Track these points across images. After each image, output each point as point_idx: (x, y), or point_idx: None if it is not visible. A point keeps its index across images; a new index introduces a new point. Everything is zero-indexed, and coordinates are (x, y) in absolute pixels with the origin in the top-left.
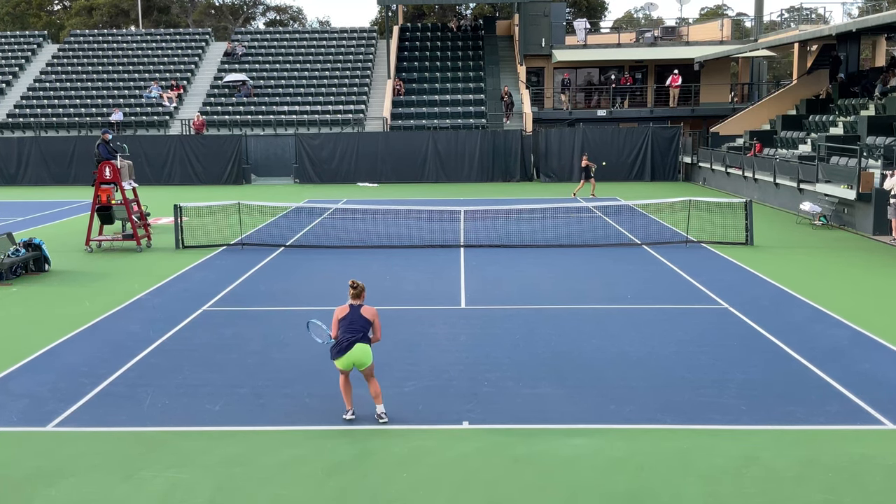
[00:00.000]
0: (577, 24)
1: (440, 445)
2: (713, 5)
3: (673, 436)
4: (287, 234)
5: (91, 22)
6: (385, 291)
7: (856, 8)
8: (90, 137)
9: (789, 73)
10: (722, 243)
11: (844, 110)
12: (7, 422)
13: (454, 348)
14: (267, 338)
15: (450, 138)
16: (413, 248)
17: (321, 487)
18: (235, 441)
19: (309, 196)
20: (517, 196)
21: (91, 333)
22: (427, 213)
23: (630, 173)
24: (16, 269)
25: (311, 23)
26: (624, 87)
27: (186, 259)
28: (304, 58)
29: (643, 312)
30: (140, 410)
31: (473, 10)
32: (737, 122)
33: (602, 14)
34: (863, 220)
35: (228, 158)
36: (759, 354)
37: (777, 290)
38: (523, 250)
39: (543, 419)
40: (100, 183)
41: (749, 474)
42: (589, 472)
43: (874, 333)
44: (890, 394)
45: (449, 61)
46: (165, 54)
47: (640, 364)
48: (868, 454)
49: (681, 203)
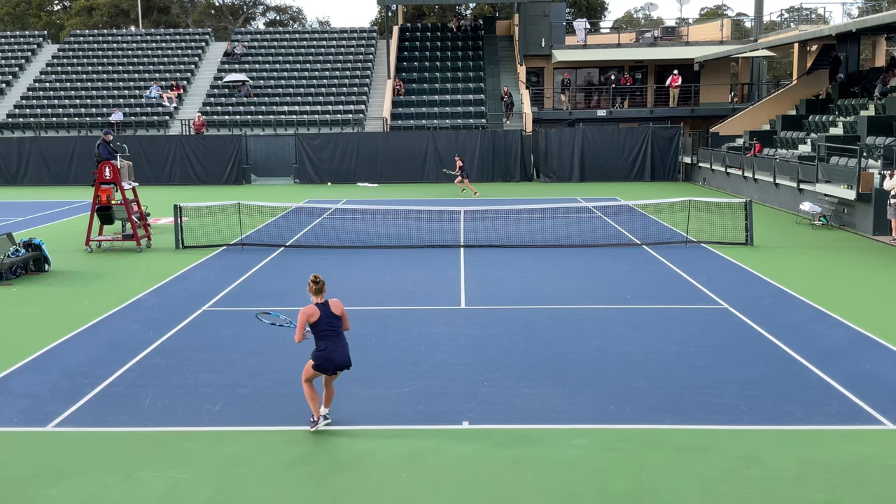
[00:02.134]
0: (577, 24)
1: (440, 445)
2: (713, 5)
3: (673, 436)
4: (287, 234)
5: (91, 22)
6: (385, 291)
7: (856, 8)
8: (90, 137)
9: (789, 74)
10: (722, 243)
11: (844, 110)
12: (7, 422)
13: (454, 348)
14: (267, 338)
15: (450, 138)
16: (413, 248)
17: (321, 487)
18: (235, 441)
19: (309, 196)
20: (517, 196)
21: (91, 333)
22: (427, 213)
23: (630, 173)
24: (16, 269)
25: (311, 23)
26: (624, 88)
27: (186, 259)
28: (304, 58)
29: (643, 312)
30: (140, 410)
31: (473, 10)
32: (737, 122)
33: (602, 14)
34: (863, 221)
35: (228, 158)
36: (759, 354)
37: (777, 290)
38: (523, 250)
39: (543, 419)
40: (100, 183)
41: (749, 474)
42: (589, 472)
43: (874, 333)
44: (890, 394)
45: (449, 61)
46: (165, 54)
47: (640, 364)
48: (868, 454)
49: (681, 203)
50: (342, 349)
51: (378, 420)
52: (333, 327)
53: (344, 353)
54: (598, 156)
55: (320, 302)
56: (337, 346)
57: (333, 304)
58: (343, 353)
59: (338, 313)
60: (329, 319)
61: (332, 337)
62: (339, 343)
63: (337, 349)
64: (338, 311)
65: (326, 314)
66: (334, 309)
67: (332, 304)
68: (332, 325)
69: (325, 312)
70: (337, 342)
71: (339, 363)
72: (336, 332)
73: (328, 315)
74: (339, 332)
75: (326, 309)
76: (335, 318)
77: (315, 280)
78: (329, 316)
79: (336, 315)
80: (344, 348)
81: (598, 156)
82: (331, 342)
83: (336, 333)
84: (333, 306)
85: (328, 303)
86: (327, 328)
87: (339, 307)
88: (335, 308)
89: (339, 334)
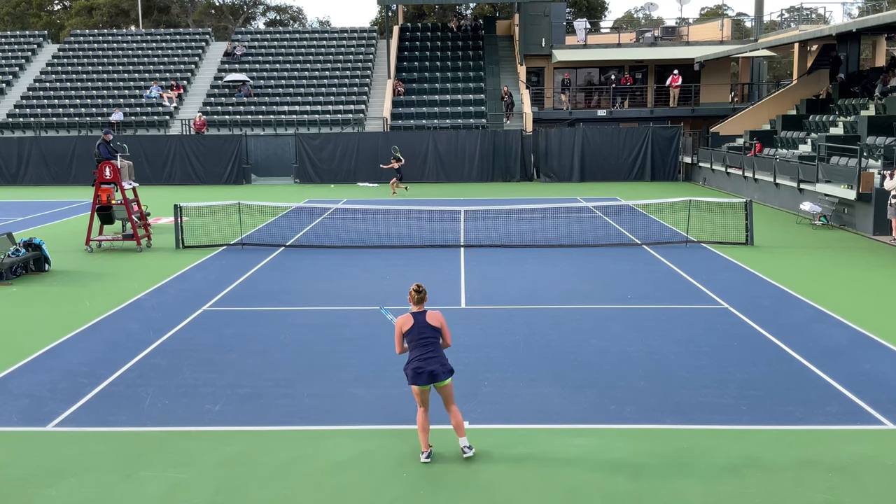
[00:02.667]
0: (578, 24)
1: (440, 445)
2: (713, 5)
3: (673, 436)
4: (287, 234)
5: (91, 22)
6: (385, 291)
7: (856, 8)
8: (90, 137)
9: (789, 73)
10: (722, 243)
11: (844, 110)
12: (7, 422)
13: (454, 348)
14: (267, 338)
15: (450, 138)
16: (413, 248)
17: (321, 487)
18: (235, 441)
19: (309, 196)
20: (517, 196)
21: (91, 333)
22: (427, 213)
23: (630, 173)
24: (16, 269)
25: (311, 23)
26: (624, 87)
27: (186, 259)
28: (304, 58)
29: (643, 312)
30: (140, 410)
31: (473, 10)
32: (737, 122)
33: (602, 14)
34: (863, 221)
35: (228, 158)
36: (760, 354)
37: (777, 290)
38: (523, 250)
39: (543, 419)
40: (100, 183)
41: (749, 474)
42: (589, 472)
43: (874, 333)
44: (890, 394)
45: (449, 61)
46: (165, 54)
47: (640, 364)
48: (868, 454)
49: (681, 203)
50: (436, 359)
51: (378, 420)
52: (426, 337)
53: (438, 363)
54: (599, 156)
55: (418, 311)
56: (429, 355)
57: (431, 316)
58: (437, 362)
59: (435, 324)
60: (423, 329)
61: (422, 346)
62: (432, 353)
63: (430, 359)
64: (435, 323)
65: (421, 324)
66: (431, 319)
67: (429, 315)
68: (425, 335)
69: (420, 322)
70: (428, 352)
71: (430, 372)
72: (429, 344)
73: (423, 325)
74: (433, 344)
75: (422, 319)
76: (430, 329)
77: (418, 289)
78: (424, 326)
79: (433, 327)
80: (439, 359)
81: (599, 156)
82: (420, 352)
83: (429, 344)
84: (431, 317)
85: (426, 313)
86: (418, 338)
87: (439, 319)
88: (432, 319)
89: (432, 345)
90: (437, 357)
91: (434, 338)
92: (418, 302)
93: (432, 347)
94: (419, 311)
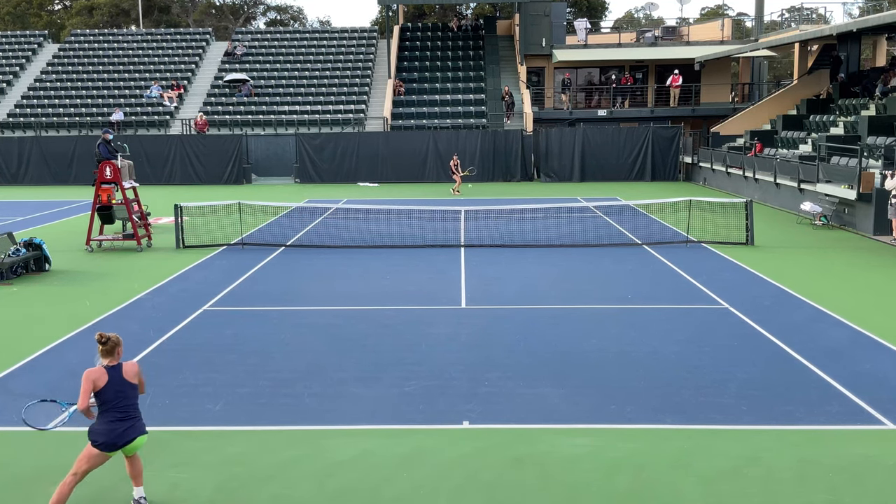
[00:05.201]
0: (578, 23)
1: (440, 445)
2: (713, 5)
3: (673, 436)
4: (287, 233)
5: (91, 22)
6: (386, 291)
7: (856, 8)
8: (91, 137)
9: (790, 73)
10: (722, 243)
11: (845, 110)
12: (7, 422)
13: (454, 348)
14: (267, 338)
15: (450, 138)
16: (413, 248)
17: (321, 487)
18: (236, 441)
19: (310, 196)
20: (517, 196)
21: (91, 333)
22: (427, 213)
23: (630, 173)
24: (16, 269)
25: (312, 23)
26: (624, 87)
27: (186, 259)
28: (305, 58)
29: (643, 312)
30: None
31: (474, 10)
32: (737, 122)
33: (602, 14)
34: (863, 220)
35: (229, 158)
36: (760, 354)
37: (777, 289)
38: (523, 250)
39: (543, 419)
40: (100, 182)
41: (749, 474)
42: (589, 472)
43: (874, 333)
44: (890, 394)
45: (449, 61)
46: (166, 54)
47: (640, 364)
48: (868, 454)
49: (681, 203)
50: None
51: (378, 420)
52: (125, 398)
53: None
54: (599, 156)
55: (111, 364)
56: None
57: (128, 369)
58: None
59: (133, 380)
60: (121, 387)
61: (122, 409)
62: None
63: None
64: (132, 378)
65: (118, 380)
66: (127, 374)
67: (126, 368)
68: (123, 393)
69: (116, 377)
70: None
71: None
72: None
73: (119, 381)
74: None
75: (118, 374)
76: (129, 385)
77: (100, 340)
78: (121, 383)
79: (130, 383)
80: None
81: (599, 156)
82: (118, 414)
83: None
84: (127, 371)
85: (121, 366)
86: (116, 398)
87: (135, 372)
88: (129, 373)
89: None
90: (137, 419)
91: (134, 397)
92: (107, 354)
93: (132, 411)
94: (113, 365)
